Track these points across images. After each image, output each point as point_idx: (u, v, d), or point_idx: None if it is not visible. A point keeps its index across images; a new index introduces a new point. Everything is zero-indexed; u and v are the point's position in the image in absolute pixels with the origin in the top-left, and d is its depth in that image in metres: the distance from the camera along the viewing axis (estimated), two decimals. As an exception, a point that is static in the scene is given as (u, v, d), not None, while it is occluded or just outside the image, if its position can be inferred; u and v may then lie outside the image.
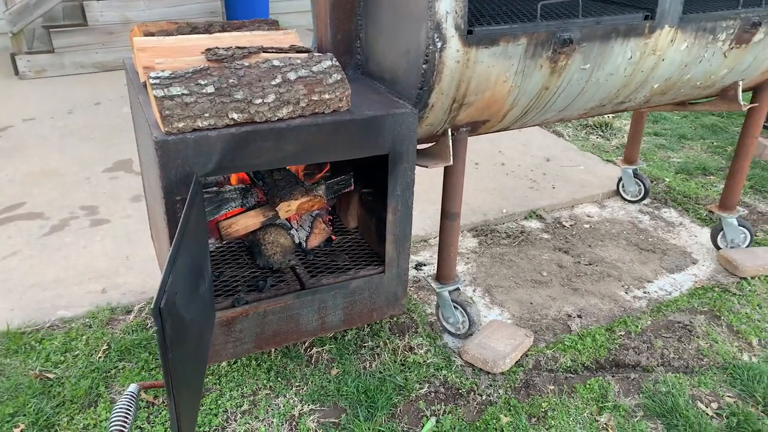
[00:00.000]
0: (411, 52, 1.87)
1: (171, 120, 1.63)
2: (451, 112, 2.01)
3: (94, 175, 3.84)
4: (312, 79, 1.79)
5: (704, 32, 2.26)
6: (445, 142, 2.11)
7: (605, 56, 2.11)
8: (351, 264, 2.25)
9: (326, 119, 1.81)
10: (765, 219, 3.50)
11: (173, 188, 1.69)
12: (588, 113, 2.44)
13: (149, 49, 1.92)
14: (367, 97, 1.99)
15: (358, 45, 2.18)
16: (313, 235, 2.30)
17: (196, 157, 1.68)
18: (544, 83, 2.08)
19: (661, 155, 4.34)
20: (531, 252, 3.17)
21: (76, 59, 5.80)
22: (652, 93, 2.43)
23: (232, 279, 2.13)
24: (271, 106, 1.74)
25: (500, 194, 3.65)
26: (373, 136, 1.89)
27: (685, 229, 3.40)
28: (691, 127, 4.89)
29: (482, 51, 1.87)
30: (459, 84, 1.91)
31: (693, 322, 2.65)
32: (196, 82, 1.67)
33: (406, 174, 2.01)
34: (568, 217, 3.51)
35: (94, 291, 2.76)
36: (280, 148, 1.77)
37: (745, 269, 2.95)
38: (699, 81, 2.48)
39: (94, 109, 4.93)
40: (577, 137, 4.59)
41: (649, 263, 3.09)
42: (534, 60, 1.98)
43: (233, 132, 1.70)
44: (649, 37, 2.15)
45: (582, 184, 3.81)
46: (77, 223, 3.31)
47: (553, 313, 2.72)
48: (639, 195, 3.64)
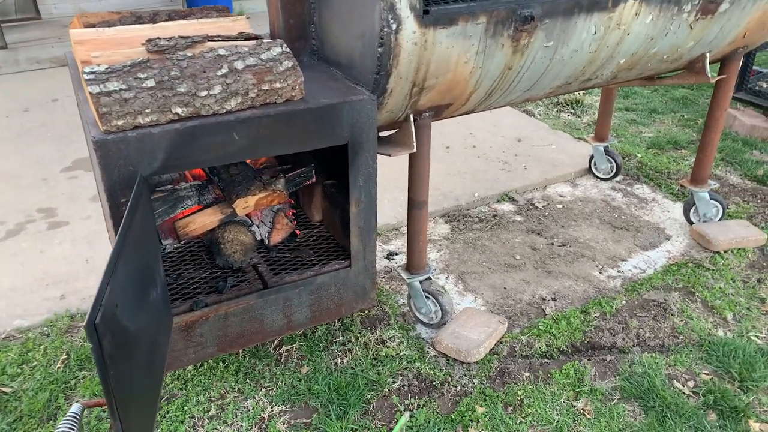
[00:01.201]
0: (365, 35, 1.78)
1: (109, 118, 1.52)
2: (412, 97, 1.92)
3: (51, 176, 3.69)
4: (261, 68, 1.69)
5: (669, 4, 2.19)
6: (407, 129, 2.03)
7: (569, 33, 2.04)
8: (316, 259, 2.17)
9: (278, 110, 1.72)
10: (737, 191, 3.49)
11: (116, 190, 1.59)
12: (555, 92, 2.38)
13: (87, 42, 1.80)
14: (323, 84, 1.89)
15: (312, 29, 2.08)
16: (275, 231, 2.21)
17: (140, 156, 1.58)
18: (507, 63, 2.00)
19: (633, 130, 4.30)
20: (504, 235, 3.12)
21: (31, 54, 5.59)
22: (619, 68, 2.37)
23: (191, 281, 2.04)
24: (217, 99, 1.64)
25: (472, 177, 3.59)
26: (330, 126, 1.80)
27: (657, 205, 3.37)
28: (661, 101, 4.87)
29: (440, 32, 1.78)
30: (418, 67, 1.82)
31: (668, 300, 2.62)
32: (135, 75, 1.56)
33: (367, 164, 1.92)
34: (541, 198, 3.47)
35: (53, 297, 2.64)
36: (229, 142, 1.68)
37: (718, 243, 2.93)
38: (666, 54, 2.43)
39: (51, 106, 4.75)
40: (548, 115, 4.54)
41: (623, 241, 3.06)
42: (495, 39, 1.90)
43: (178, 128, 1.60)
44: (613, 11, 2.08)
45: (554, 164, 3.76)
46: (34, 226, 3.18)
47: (527, 298, 2.67)
48: (611, 172, 3.60)
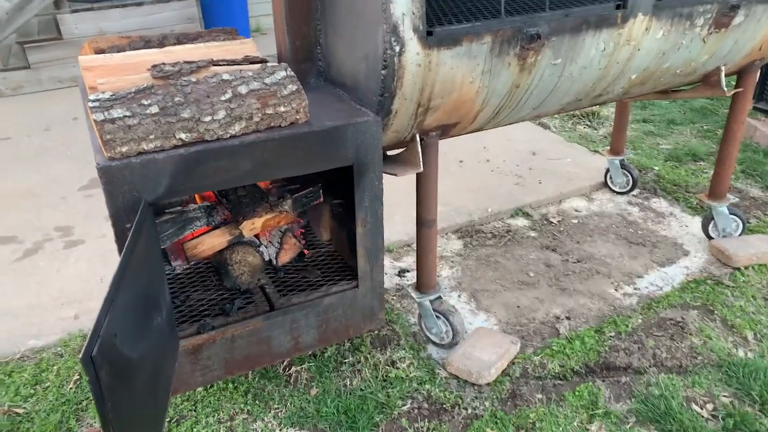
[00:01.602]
0: (369, 57, 1.77)
1: (113, 144, 1.54)
2: (417, 117, 1.91)
3: (70, 194, 3.74)
4: (265, 92, 1.69)
5: (680, 18, 2.15)
6: (414, 148, 2.02)
7: (577, 50, 2.01)
8: (323, 279, 2.16)
9: (283, 133, 1.72)
10: (758, 205, 3.41)
11: (121, 216, 1.60)
12: (565, 108, 2.35)
13: (95, 69, 1.82)
14: (329, 106, 1.89)
15: (318, 51, 2.08)
16: (283, 252, 2.21)
17: (144, 182, 1.59)
18: (514, 81, 1.98)
19: (650, 142, 4.24)
20: (518, 252, 3.08)
21: (53, 74, 5.69)
22: (631, 84, 2.33)
23: (199, 303, 2.04)
24: (221, 123, 1.65)
25: (485, 193, 3.56)
26: (335, 148, 1.80)
27: (675, 220, 3.31)
28: (680, 112, 4.79)
29: (444, 52, 1.77)
30: (422, 88, 1.81)
31: (685, 319, 2.56)
32: (139, 102, 1.57)
33: (373, 185, 1.91)
34: (556, 212, 3.42)
35: (67, 317, 2.67)
36: (234, 166, 1.68)
37: (738, 259, 2.86)
38: (679, 69, 2.38)
39: (71, 125, 4.83)
40: (563, 128, 4.50)
41: (639, 257, 3.00)
42: (501, 58, 1.88)
43: (182, 153, 1.61)
44: (623, 26, 2.05)
45: (569, 178, 3.72)
46: (51, 245, 3.22)
47: (541, 316, 2.63)
48: (627, 186, 3.54)
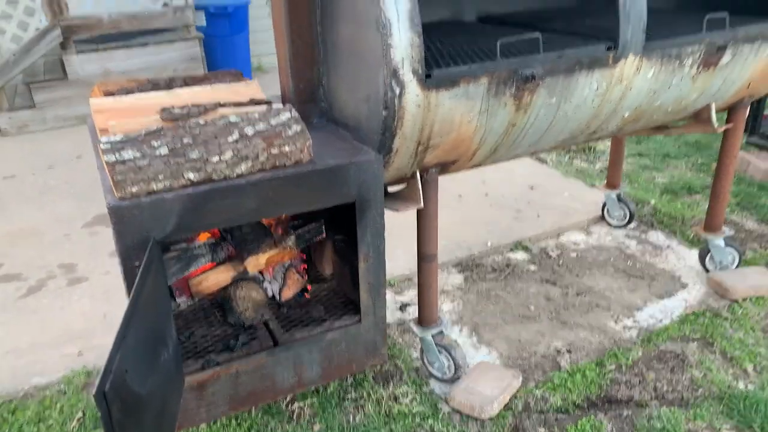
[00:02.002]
0: (371, 98, 1.84)
1: (124, 185, 1.59)
2: (417, 155, 1.97)
3: (73, 232, 3.79)
4: (271, 133, 1.75)
5: (670, 58, 2.23)
6: (414, 185, 2.07)
7: (571, 89, 2.08)
8: (326, 315, 2.19)
9: (287, 172, 1.77)
10: (753, 237, 3.45)
11: (130, 254, 1.64)
12: (561, 145, 2.41)
13: (105, 111, 1.89)
14: (332, 145, 1.95)
15: (321, 92, 2.15)
16: (286, 287, 2.24)
17: (153, 221, 1.63)
18: (511, 120, 2.05)
19: (646, 176, 4.31)
20: (518, 285, 3.11)
21: (57, 113, 5.80)
22: (624, 122, 2.40)
23: (204, 339, 2.06)
24: (228, 163, 1.70)
25: (485, 226, 3.60)
26: (338, 186, 1.85)
27: (673, 252, 3.35)
28: (674, 146, 4.87)
29: (443, 93, 1.84)
30: (422, 128, 1.87)
31: (685, 351, 2.58)
32: (149, 144, 1.63)
33: (375, 221, 1.96)
34: (555, 246, 3.46)
35: (71, 354, 2.68)
36: (240, 204, 1.73)
37: (735, 291, 2.89)
38: (670, 106, 2.46)
39: (75, 163, 4.91)
40: (560, 162, 4.57)
41: (638, 290, 3.03)
42: (497, 98, 1.95)
43: (190, 192, 1.66)
44: (614, 67, 2.12)
45: (567, 212, 3.77)
46: (54, 282, 3.25)
47: (542, 350, 2.64)
48: (624, 219, 3.59)
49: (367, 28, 1.76)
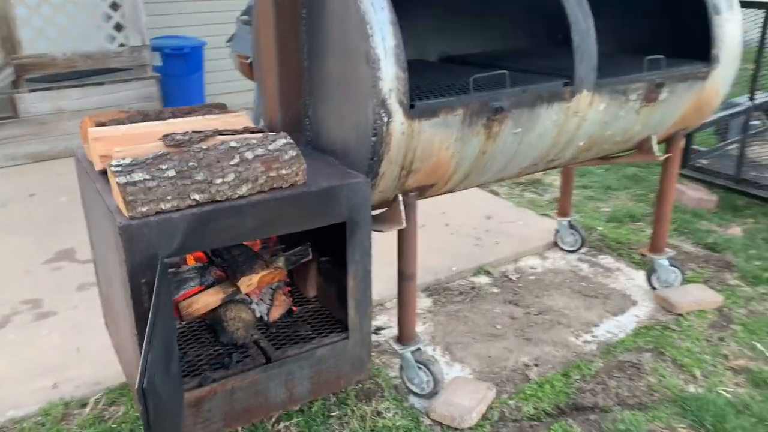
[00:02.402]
0: (360, 126, 2.00)
1: (135, 205, 1.67)
2: (401, 179, 2.13)
3: (34, 268, 3.72)
4: (269, 157, 1.88)
5: (618, 94, 2.51)
6: (396, 207, 2.23)
7: (534, 120, 2.32)
8: (314, 333, 2.29)
9: (284, 193, 1.90)
10: (691, 258, 3.77)
11: (138, 271, 1.71)
12: (524, 171, 2.64)
13: (105, 139, 1.97)
14: (322, 170, 2.09)
15: (307, 122, 2.30)
16: (274, 308, 2.33)
17: (160, 239, 1.72)
18: (482, 148, 2.25)
19: (592, 206, 4.63)
20: (483, 307, 3.28)
21: (7, 152, 5.68)
22: (579, 150, 2.66)
23: (197, 358, 2.12)
24: (231, 185, 1.81)
25: (448, 253, 3.79)
26: (330, 206, 1.98)
27: (622, 273, 3.61)
28: (615, 179, 5.25)
29: (424, 122, 2.02)
30: (406, 153, 2.04)
31: (641, 360, 2.80)
32: (157, 167, 1.73)
33: (363, 240, 2.10)
34: (514, 270, 3.67)
35: (45, 387, 2.64)
36: (241, 224, 1.83)
37: (680, 306, 3.16)
38: (618, 136, 2.74)
39: (28, 201, 4.82)
40: (512, 195, 4.85)
41: (594, 308, 3.26)
42: (471, 128, 2.15)
43: (195, 212, 1.76)
44: (571, 101, 2.37)
45: (523, 238, 4.01)
46: (20, 318, 3.19)
47: (512, 364, 2.81)
48: (576, 245, 3.86)
49: (358, 63, 1.94)
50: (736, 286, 3.43)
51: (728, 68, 2.84)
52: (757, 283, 3.46)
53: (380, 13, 1.89)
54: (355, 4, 1.90)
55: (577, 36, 2.31)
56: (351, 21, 1.93)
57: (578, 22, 2.32)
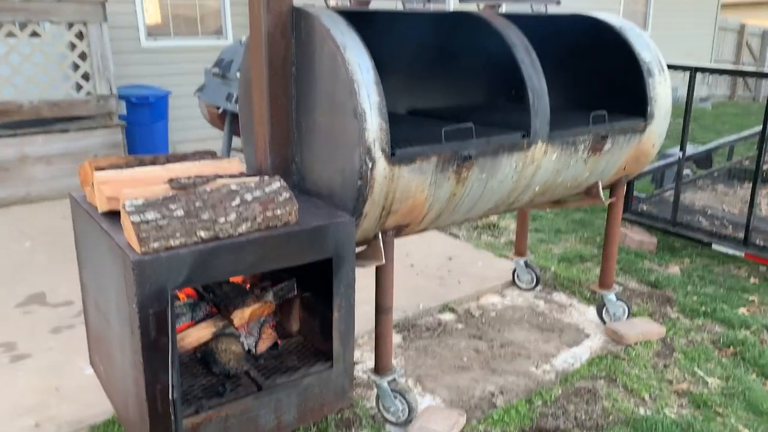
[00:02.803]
0: (346, 171, 2.23)
1: (147, 241, 1.84)
2: (382, 218, 2.36)
3: (6, 312, 3.73)
4: (266, 199, 2.08)
5: (568, 145, 2.84)
6: (377, 245, 2.45)
7: (497, 167, 2.60)
8: (299, 363, 2.44)
9: (279, 231, 2.09)
10: (636, 294, 4.11)
11: (147, 302, 1.86)
12: (487, 213, 2.91)
13: (111, 182, 2.13)
14: (310, 211, 2.30)
15: (294, 168, 2.52)
16: (261, 341, 2.48)
17: (169, 273, 1.88)
18: (452, 191, 2.51)
19: (544, 248, 4.96)
20: (450, 341, 3.49)
21: (-32, 197, 5.65)
22: (535, 194, 2.96)
23: (191, 387, 2.24)
24: (232, 224, 2.00)
25: (414, 292, 4.01)
26: (319, 243, 2.19)
27: (575, 309, 3.91)
28: (564, 223, 5.63)
29: (404, 168, 2.27)
30: (387, 195, 2.28)
31: (595, 386, 3.05)
32: (167, 207, 1.91)
33: (348, 274, 2.30)
34: (476, 307, 3.92)
35: (27, 426, 2.68)
36: (242, 259, 2.01)
37: (628, 337, 3.45)
38: (569, 182, 3.06)
39: (-7, 247, 4.80)
40: (470, 237, 5.14)
41: (551, 341, 3.52)
42: (443, 173, 2.42)
43: (201, 248, 1.93)
44: (528, 150, 2.68)
45: (483, 278, 4.27)
46: (-5, 360, 3.21)
47: (479, 393, 3.01)
48: (532, 283, 4.14)
49: (345, 116, 2.19)
50: (677, 319, 3.77)
51: (661, 123, 3.24)
52: (694, 315, 3.81)
53: (366, 74, 2.16)
54: (344, 65, 2.16)
55: (532, 94, 2.64)
56: (340, 80, 2.19)
57: (533, 82, 2.65)
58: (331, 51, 2.21)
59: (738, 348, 3.43)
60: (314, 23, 2.28)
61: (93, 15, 5.94)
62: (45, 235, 4.98)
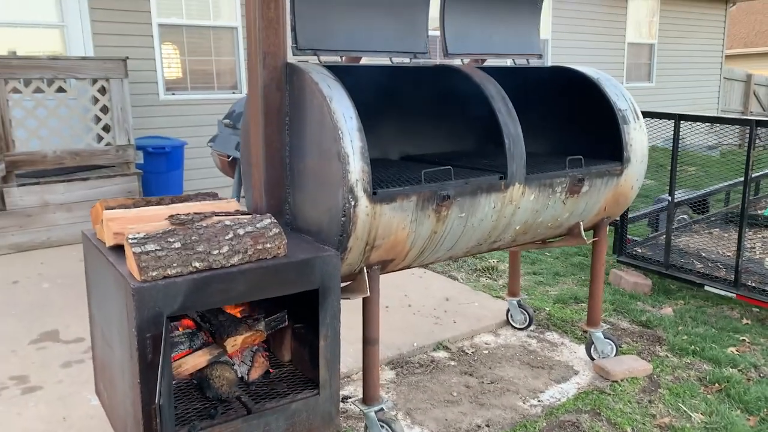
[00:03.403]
0: (332, 209, 2.45)
1: (147, 270, 2.04)
2: (365, 253, 2.55)
3: (20, 348, 3.94)
4: (256, 233, 2.29)
5: (545, 186, 3.04)
6: (362, 278, 2.63)
7: (475, 206, 2.80)
8: (289, 390, 2.59)
9: (269, 263, 2.29)
10: (627, 333, 4.20)
11: (144, 327, 2.05)
12: (471, 251, 3.09)
13: (118, 219, 2.36)
14: (299, 245, 2.50)
15: (287, 207, 2.74)
16: (253, 369, 2.64)
17: (166, 300, 2.08)
18: (433, 228, 2.70)
19: (541, 290, 5.08)
20: (441, 377, 3.61)
21: (-9, 242, 5.94)
22: (516, 233, 3.14)
23: (186, 410, 2.40)
24: (225, 255, 2.21)
25: (410, 331, 4.14)
26: (306, 275, 2.38)
27: (566, 348, 4.01)
28: (563, 266, 5.76)
29: (385, 206, 2.48)
30: (369, 231, 2.48)
31: (579, 420, 3.14)
32: (166, 240, 2.12)
33: (333, 305, 2.48)
34: (470, 345, 4.04)
35: (34, 452, 2.84)
36: (233, 288, 2.21)
37: (615, 374, 3.55)
38: (549, 222, 3.24)
39: (12, 288, 5.05)
40: (469, 280, 5.29)
41: (540, 377, 3.62)
42: (423, 211, 2.62)
43: (195, 277, 2.13)
44: (506, 191, 2.88)
45: (478, 318, 4.40)
46: (8, 392, 3.39)
47: (466, 426, 3.11)
48: (525, 322, 4.26)
49: (331, 159, 2.41)
50: (665, 357, 3.86)
51: (638, 167, 3.43)
52: (683, 354, 3.90)
53: (349, 122, 2.40)
54: (330, 114, 2.40)
55: (508, 140, 2.86)
56: (326, 128, 2.42)
57: (509, 129, 2.87)
58: (318, 102, 2.46)
59: (724, 384, 3.50)
60: (305, 77, 2.54)
61: (115, 71, 6.37)
62: (62, 278, 5.23)
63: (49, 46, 7.26)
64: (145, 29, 7.58)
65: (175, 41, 7.93)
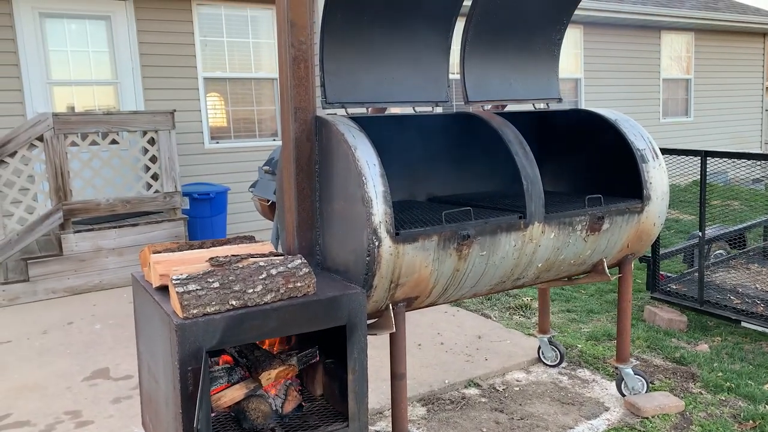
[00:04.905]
0: (357, 250, 2.62)
1: (188, 308, 2.25)
2: (390, 291, 2.71)
3: (74, 385, 4.20)
4: (288, 273, 2.48)
5: (565, 225, 3.15)
6: (388, 315, 2.78)
7: (496, 245, 2.93)
8: (320, 423, 2.73)
9: (299, 301, 2.47)
10: (660, 370, 4.19)
11: (186, 361, 2.24)
12: (494, 289, 3.20)
13: (164, 262, 2.59)
14: (328, 284, 2.68)
15: (317, 249, 2.93)
16: (287, 402, 2.80)
17: (205, 335, 2.27)
18: (455, 267, 2.85)
19: (574, 327, 5.10)
20: (472, 414, 3.68)
21: (48, 285, 6.33)
22: (539, 271, 3.24)
23: (224, 441, 2.56)
24: (259, 294, 2.40)
25: (442, 368, 4.23)
26: (334, 312, 2.54)
27: (597, 384, 4.03)
28: (597, 303, 5.76)
29: (407, 246, 2.64)
30: (393, 270, 2.64)
31: (609, 455, 3.17)
32: (206, 280, 2.33)
33: (360, 340, 2.63)
34: (501, 382, 4.10)
35: (85, 481, 3.04)
36: (266, 324, 2.39)
37: (646, 410, 3.55)
38: (572, 260, 3.33)
39: (67, 328, 5.37)
40: (502, 318, 5.35)
41: (570, 414, 3.65)
42: (445, 250, 2.77)
43: (232, 314, 2.32)
44: (525, 230, 3.01)
45: (510, 355, 4.46)
46: (63, 426, 3.62)
47: (494, 460, 3.18)
48: (556, 359, 4.30)
49: (355, 203, 2.60)
50: (698, 394, 3.83)
51: (659, 204, 3.51)
52: (717, 391, 3.86)
53: (372, 168, 2.59)
54: (354, 162, 2.60)
55: (526, 181, 3.00)
56: (351, 174, 2.63)
57: (526, 171, 3.02)
58: (344, 151, 2.67)
59: (759, 421, 3.46)
60: (332, 129, 2.76)
61: (163, 123, 6.81)
62: (112, 318, 5.53)
63: (104, 100, 7.81)
64: (191, 83, 8.08)
65: (219, 92, 8.41)
